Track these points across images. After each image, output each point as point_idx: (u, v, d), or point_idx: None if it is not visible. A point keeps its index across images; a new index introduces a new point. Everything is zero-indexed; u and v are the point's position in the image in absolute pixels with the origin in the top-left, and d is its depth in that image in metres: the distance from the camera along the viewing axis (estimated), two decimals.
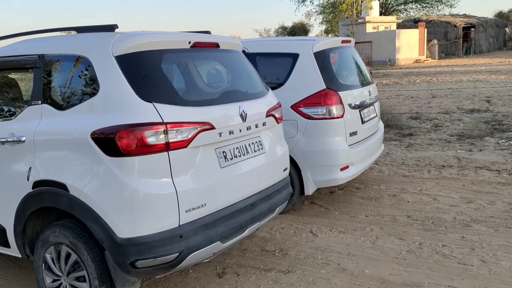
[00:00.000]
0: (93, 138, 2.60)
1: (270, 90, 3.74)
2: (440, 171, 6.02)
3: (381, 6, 39.49)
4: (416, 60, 31.18)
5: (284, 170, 3.65)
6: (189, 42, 3.02)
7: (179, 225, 2.66)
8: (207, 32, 3.58)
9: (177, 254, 2.63)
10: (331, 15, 42.28)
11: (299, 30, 50.14)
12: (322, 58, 4.71)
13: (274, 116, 3.51)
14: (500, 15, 48.58)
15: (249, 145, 3.24)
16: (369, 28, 32.88)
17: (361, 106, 4.90)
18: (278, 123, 3.60)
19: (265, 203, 3.32)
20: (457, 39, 36.00)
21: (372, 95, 5.28)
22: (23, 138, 2.92)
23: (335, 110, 4.53)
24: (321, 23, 47.22)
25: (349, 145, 4.66)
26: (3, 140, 3.02)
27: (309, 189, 4.63)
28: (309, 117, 4.54)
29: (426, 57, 32.17)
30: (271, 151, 3.46)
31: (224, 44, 3.35)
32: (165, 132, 2.62)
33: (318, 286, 3.33)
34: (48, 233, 2.87)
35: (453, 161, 6.43)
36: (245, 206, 3.10)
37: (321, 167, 4.58)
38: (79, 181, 2.64)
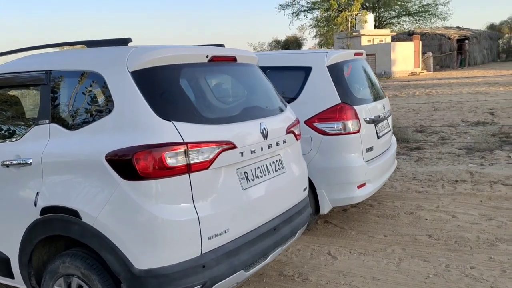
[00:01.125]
0: (107, 160, 2.40)
1: (288, 105, 3.57)
2: (454, 186, 5.84)
3: (374, 19, 39.76)
4: (412, 72, 31.26)
5: (304, 190, 3.46)
6: (207, 56, 2.84)
7: (201, 253, 2.45)
8: (221, 45, 3.41)
9: (200, 286, 2.42)
10: (325, 28, 42.52)
11: (293, 43, 50.30)
12: (336, 71, 4.54)
13: (293, 132, 3.33)
14: (492, 27, 49.16)
15: (270, 164, 3.04)
16: (364, 41, 33.01)
17: (376, 121, 4.73)
18: (297, 140, 3.42)
19: (287, 226, 3.11)
20: (451, 51, 36.22)
21: (385, 109, 5.13)
22: (30, 161, 2.70)
23: (350, 125, 4.35)
24: (315, 36, 47.40)
25: (366, 161, 4.47)
26: (8, 163, 2.79)
27: (325, 208, 4.43)
28: (323, 133, 4.36)
29: (422, 70, 32.29)
30: (291, 170, 3.26)
31: (241, 58, 3.18)
32: (186, 152, 2.42)
33: None
34: (58, 263, 2.64)
35: (465, 175, 6.26)
36: (268, 230, 2.90)
37: (337, 185, 4.38)
38: (92, 207, 2.42)
